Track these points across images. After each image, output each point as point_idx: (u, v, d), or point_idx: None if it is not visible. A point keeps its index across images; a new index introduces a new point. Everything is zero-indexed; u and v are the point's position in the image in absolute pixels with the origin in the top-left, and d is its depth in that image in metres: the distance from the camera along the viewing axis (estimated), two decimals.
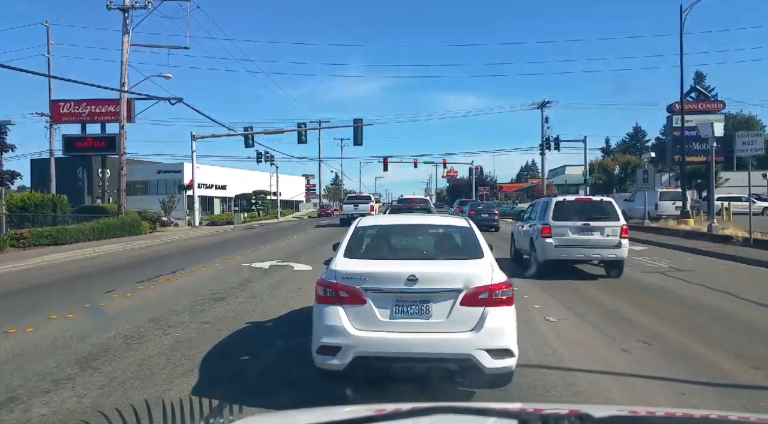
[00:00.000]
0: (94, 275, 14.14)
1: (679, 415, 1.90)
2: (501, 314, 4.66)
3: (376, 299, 4.64)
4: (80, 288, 11.62)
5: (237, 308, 8.92)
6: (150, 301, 9.70)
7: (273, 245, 22.33)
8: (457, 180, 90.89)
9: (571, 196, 15.19)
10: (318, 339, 4.68)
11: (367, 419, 1.64)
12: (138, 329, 7.59)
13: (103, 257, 19.08)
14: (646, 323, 7.88)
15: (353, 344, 4.53)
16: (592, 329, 7.56)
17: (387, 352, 4.58)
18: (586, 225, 12.45)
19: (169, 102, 30.18)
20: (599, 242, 12.38)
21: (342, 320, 4.62)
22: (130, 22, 29.93)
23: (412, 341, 4.56)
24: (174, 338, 7.07)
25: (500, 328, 4.61)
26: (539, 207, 14.09)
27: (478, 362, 4.45)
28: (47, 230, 23.59)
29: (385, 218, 7.12)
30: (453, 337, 4.57)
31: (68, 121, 35.59)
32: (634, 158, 63.33)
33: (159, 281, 12.12)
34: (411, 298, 4.65)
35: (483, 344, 4.50)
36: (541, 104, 53.21)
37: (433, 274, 4.83)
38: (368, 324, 4.61)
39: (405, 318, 4.63)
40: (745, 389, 5.18)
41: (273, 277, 12.56)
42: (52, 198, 28.58)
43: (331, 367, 4.59)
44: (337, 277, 4.78)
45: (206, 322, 7.93)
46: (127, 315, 8.49)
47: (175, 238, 28.18)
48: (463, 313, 4.60)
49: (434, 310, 4.63)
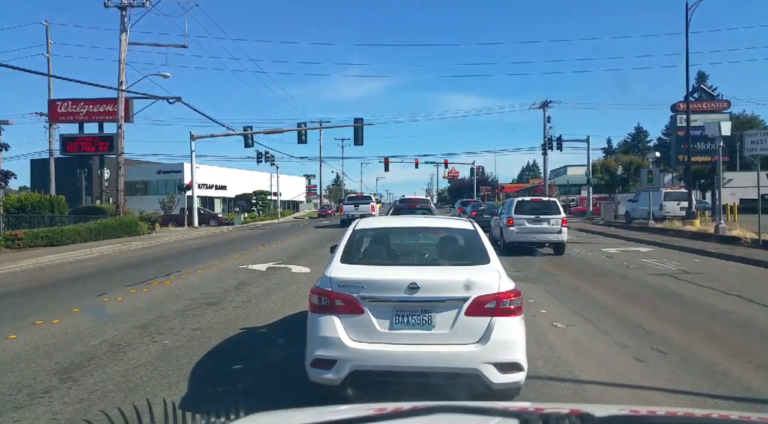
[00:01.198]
0: (86, 277, 13.78)
1: (680, 414, 1.88)
2: (509, 324, 4.33)
3: (374, 309, 4.31)
4: (71, 292, 11.25)
5: (230, 314, 8.55)
6: (141, 305, 9.34)
7: (272, 246, 21.98)
8: (458, 180, 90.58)
9: (528, 197, 20.93)
10: (312, 352, 4.34)
11: (368, 418, 1.62)
12: (125, 335, 7.23)
13: (98, 259, 18.74)
14: (658, 330, 7.50)
15: (350, 358, 4.20)
16: (603, 337, 7.18)
17: (386, 366, 4.24)
18: (537, 218, 17.46)
19: (168, 101, 29.86)
20: (546, 229, 17.35)
21: (338, 331, 4.28)
22: (128, 20, 29.61)
23: (413, 353, 4.23)
24: (162, 346, 6.70)
25: (508, 340, 4.28)
26: (506, 205, 19.72)
27: (485, 376, 4.13)
28: (43, 230, 23.26)
29: (384, 220, 6.84)
30: (457, 350, 4.23)
31: (66, 121, 35.29)
32: (637, 158, 63.08)
33: (152, 284, 11.76)
34: (412, 307, 4.32)
35: (490, 357, 4.18)
36: (543, 104, 52.78)
37: (435, 281, 4.49)
38: (366, 336, 4.28)
39: (406, 329, 4.30)
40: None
41: (270, 280, 12.19)
42: (49, 198, 28.25)
43: (325, 381, 4.26)
44: (332, 284, 4.44)
45: (197, 328, 7.57)
46: (115, 321, 8.13)
47: (174, 239, 27.84)
48: (468, 323, 4.28)
49: (437, 320, 4.30)
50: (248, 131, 38.13)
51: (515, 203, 18.33)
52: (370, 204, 35.64)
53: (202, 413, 1.72)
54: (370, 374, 4.23)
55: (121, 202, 29.75)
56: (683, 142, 32.68)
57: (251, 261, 15.86)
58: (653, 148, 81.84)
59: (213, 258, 17.13)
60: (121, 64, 29.46)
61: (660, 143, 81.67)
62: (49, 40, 39.40)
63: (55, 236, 23.27)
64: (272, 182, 63.05)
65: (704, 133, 30.59)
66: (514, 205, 18.21)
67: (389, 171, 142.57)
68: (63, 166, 41.92)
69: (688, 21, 24.53)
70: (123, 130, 30.10)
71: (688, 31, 24.79)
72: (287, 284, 11.43)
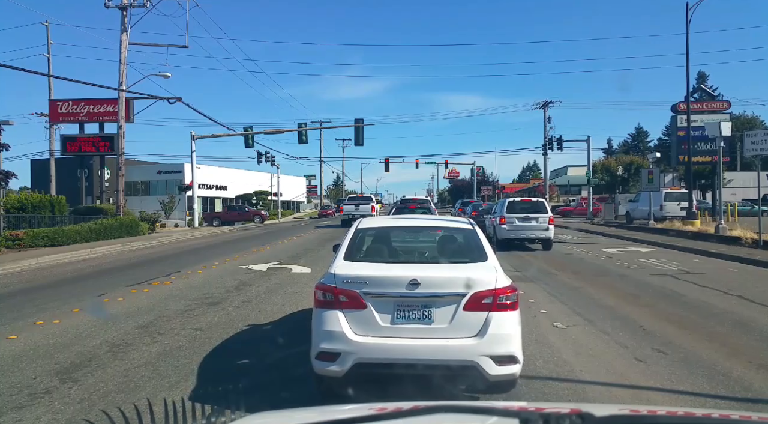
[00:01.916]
0: (87, 277, 13.79)
1: (680, 414, 1.88)
2: (505, 319, 4.49)
3: (376, 304, 4.47)
4: (71, 292, 11.25)
5: (231, 314, 8.55)
6: (141, 305, 9.34)
7: (272, 246, 21.98)
8: (458, 181, 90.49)
9: (518, 198, 22.71)
10: (317, 345, 4.50)
11: (369, 418, 1.62)
12: (126, 335, 7.24)
13: (98, 259, 18.74)
14: (658, 330, 7.50)
15: (353, 350, 4.36)
16: (603, 337, 7.18)
17: (388, 358, 4.40)
18: (526, 217, 19.28)
19: (168, 101, 29.86)
20: (534, 227, 19.14)
21: (342, 325, 4.44)
22: (128, 21, 29.64)
23: (413, 347, 4.37)
24: (163, 346, 6.71)
25: (505, 334, 4.45)
26: (499, 205, 21.63)
27: (482, 368, 4.30)
28: (43, 230, 23.28)
29: (386, 219, 7.01)
30: (456, 343, 4.39)
31: (66, 121, 35.29)
32: (638, 158, 63.01)
33: (152, 284, 11.77)
34: (413, 303, 4.48)
35: (487, 350, 4.35)
36: (544, 104, 52.76)
37: (435, 278, 4.59)
38: (369, 329, 4.44)
39: (406, 323, 4.46)
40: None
41: (270, 280, 12.19)
42: (49, 199, 28.25)
43: (330, 373, 4.42)
44: (336, 281, 4.59)
45: (198, 328, 7.57)
46: (116, 321, 8.14)
47: (174, 239, 27.84)
48: (466, 318, 4.44)
49: (436, 315, 4.46)
50: (248, 131, 38.13)
51: (507, 203, 20.45)
52: (371, 204, 35.59)
53: (203, 412, 1.71)
54: (373, 366, 4.38)
55: (121, 202, 29.77)
56: (683, 142, 32.63)
57: (252, 261, 15.86)
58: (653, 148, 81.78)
59: (213, 258, 17.14)
60: (121, 64, 29.49)
61: (660, 143, 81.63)
62: (50, 41, 39.52)
63: (56, 237, 23.29)
64: (273, 183, 63.06)
65: (705, 134, 30.62)
66: (505, 205, 20.28)
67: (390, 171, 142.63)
68: (63, 167, 41.96)
69: (688, 21, 24.52)
70: (123, 131, 30.12)
71: (689, 31, 24.82)
72: (288, 285, 11.43)
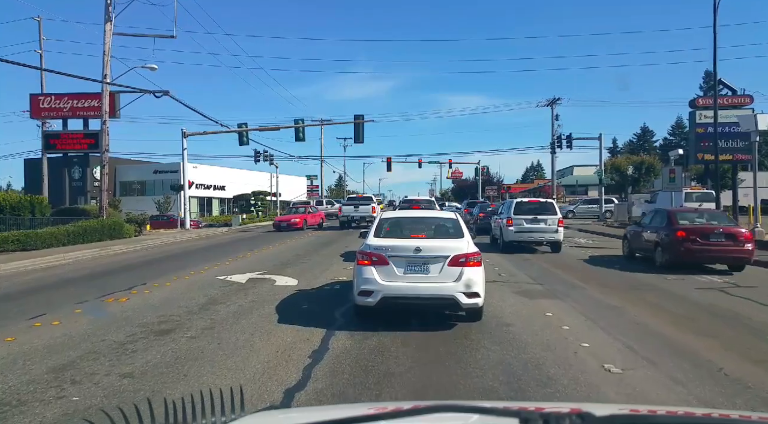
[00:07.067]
0: (40, 290, 11.91)
1: (680, 413, 1.85)
2: (473, 271, 7.40)
3: (395, 262, 7.40)
4: (5, 311, 9.34)
5: (181, 348, 6.61)
6: (75, 333, 7.42)
7: (261, 251, 20.06)
8: (461, 181, 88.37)
9: (526, 198, 21.73)
10: (359, 286, 7.43)
11: (369, 417, 1.60)
12: (27, 385, 5.32)
13: (69, 266, 16.87)
14: (746, 374, 5.55)
15: (380, 289, 7.30)
16: (678, 390, 5.19)
17: (402, 294, 7.34)
18: (535, 218, 18.45)
19: (154, 95, 27.98)
20: (543, 229, 18.34)
21: (374, 274, 7.37)
22: (112, 9, 27.73)
23: (417, 287, 7.36)
24: (67, 405, 4.78)
25: (472, 279, 7.32)
26: (506, 206, 20.64)
27: (458, 300, 7.27)
28: (14, 234, 21.39)
29: (399, 212, 11.45)
30: (443, 285, 7.34)
31: (48, 117, 33.44)
32: (649, 158, 60.84)
33: (106, 301, 9.87)
34: (417, 261, 7.41)
35: (461, 289, 7.26)
36: (551, 101, 50.88)
37: (431, 246, 7.60)
38: (390, 277, 7.36)
39: (413, 274, 7.41)
40: None
41: (247, 296, 10.26)
42: (30, 199, 26.35)
43: (366, 303, 7.39)
44: (370, 248, 7.58)
45: (128, 374, 5.63)
46: (29, 359, 6.22)
47: (159, 242, 25.96)
48: (449, 270, 7.36)
49: (432, 269, 7.40)
50: (242, 128, 36.25)
51: (514, 204, 19.44)
52: (371, 205, 33.32)
53: (203, 412, 1.47)
54: (393, 298, 7.35)
55: (104, 202, 27.86)
56: (703, 139, 30.66)
57: (232, 270, 13.95)
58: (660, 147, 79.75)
59: (192, 266, 15.23)
60: (105, 55, 27.57)
61: (666, 143, 79.56)
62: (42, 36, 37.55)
63: (29, 240, 21.45)
64: (272, 182, 61.17)
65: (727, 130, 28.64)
66: (513, 205, 19.30)
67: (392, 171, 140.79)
68: (57, 166, 39.98)
69: (716, 6, 22.52)
70: (107, 126, 28.20)
71: (716, 23, 22.84)
72: (265, 303, 9.49)
